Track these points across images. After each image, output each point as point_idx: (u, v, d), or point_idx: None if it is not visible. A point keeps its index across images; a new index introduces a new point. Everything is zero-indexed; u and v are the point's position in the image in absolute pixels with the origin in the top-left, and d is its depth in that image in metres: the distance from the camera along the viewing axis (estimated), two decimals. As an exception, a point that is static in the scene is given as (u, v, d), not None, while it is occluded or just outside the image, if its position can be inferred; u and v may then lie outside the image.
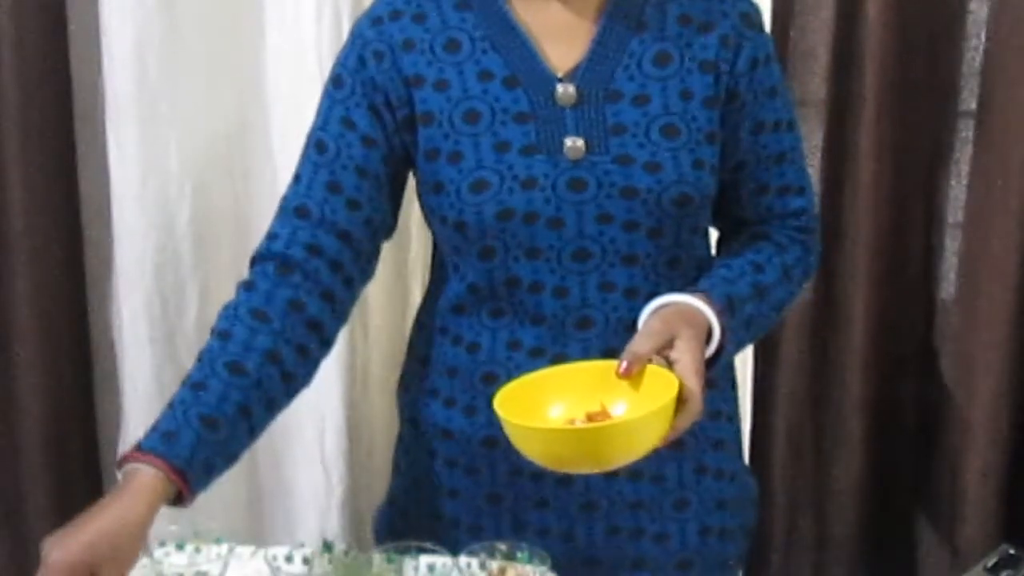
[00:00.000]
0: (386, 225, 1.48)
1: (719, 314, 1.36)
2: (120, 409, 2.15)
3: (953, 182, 2.14)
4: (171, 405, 1.31)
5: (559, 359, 1.41)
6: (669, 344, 1.30)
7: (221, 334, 1.37)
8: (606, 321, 1.42)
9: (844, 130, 2.06)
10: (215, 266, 2.12)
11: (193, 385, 1.32)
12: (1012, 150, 1.99)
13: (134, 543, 1.23)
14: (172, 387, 2.08)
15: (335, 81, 1.45)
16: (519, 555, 1.38)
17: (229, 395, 1.31)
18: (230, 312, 1.39)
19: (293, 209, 1.43)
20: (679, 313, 1.34)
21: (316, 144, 1.44)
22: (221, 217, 2.11)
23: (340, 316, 1.44)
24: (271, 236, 1.44)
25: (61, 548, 1.19)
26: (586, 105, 1.40)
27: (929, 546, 2.20)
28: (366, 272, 1.47)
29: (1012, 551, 1.54)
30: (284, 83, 2.05)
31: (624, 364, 1.28)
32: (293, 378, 1.38)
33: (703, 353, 1.32)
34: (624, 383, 1.29)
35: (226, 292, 2.15)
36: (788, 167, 1.49)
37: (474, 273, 1.44)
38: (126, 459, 1.27)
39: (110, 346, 2.16)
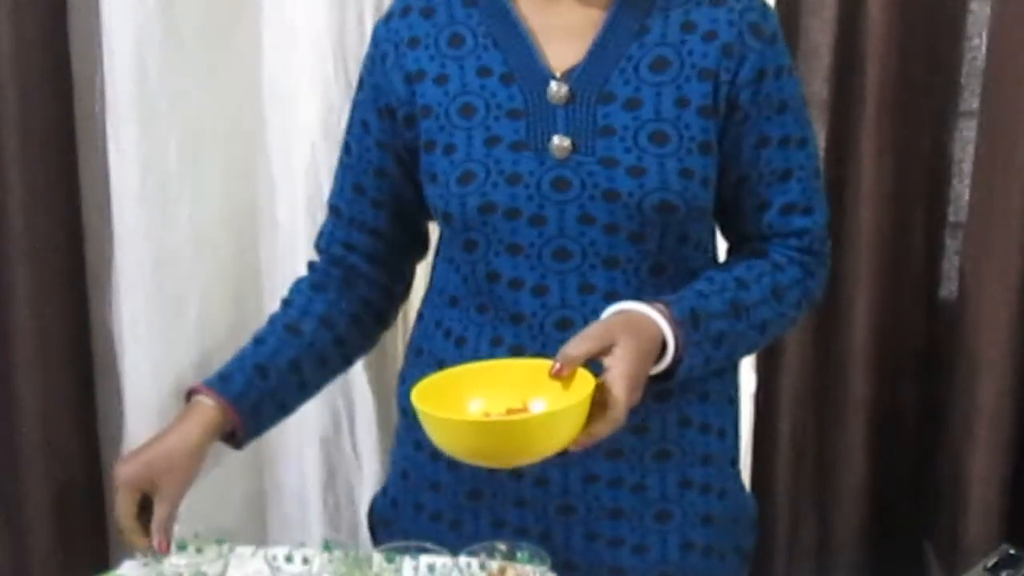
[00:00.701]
0: (424, 212, 1.52)
1: (676, 325, 1.33)
2: (120, 408, 2.16)
3: (955, 181, 2.14)
4: (235, 356, 1.51)
5: (539, 359, 1.39)
6: (607, 350, 1.28)
7: (284, 302, 1.56)
8: (586, 322, 1.38)
9: (846, 130, 2.06)
10: (215, 266, 2.12)
11: (255, 340, 1.52)
12: (1014, 149, 1.98)
13: (188, 460, 1.41)
14: (172, 386, 2.12)
15: (359, 81, 1.52)
16: (519, 555, 1.38)
17: (282, 351, 1.50)
18: (294, 285, 1.57)
19: (331, 208, 1.56)
20: (627, 321, 1.32)
21: (344, 145, 1.54)
22: (220, 217, 2.11)
23: (393, 296, 1.60)
24: (320, 232, 1.58)
25: (124, 465, 1.41)
26: (577, 105, 1.39)
27: (930, 546, 2.20)
28: (410, 254, 1.60)
29: (1012, 551, 1.54)
30: (284, 83, 2.05)
31: (557, 365, 1.27)
32: (346, 343, 1.55)
33: (641, 364, 1.30)
34: (555, 384, 1.28)
35: (226, 291, 2.18)
36: (794, 185, 1.45)
37: (461, 265, 1.45)
38: (190, 392, 1.47)
39: (110, 345, 2.16)
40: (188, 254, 2.08)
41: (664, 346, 1.33)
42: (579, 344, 1.29)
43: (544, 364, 1.29)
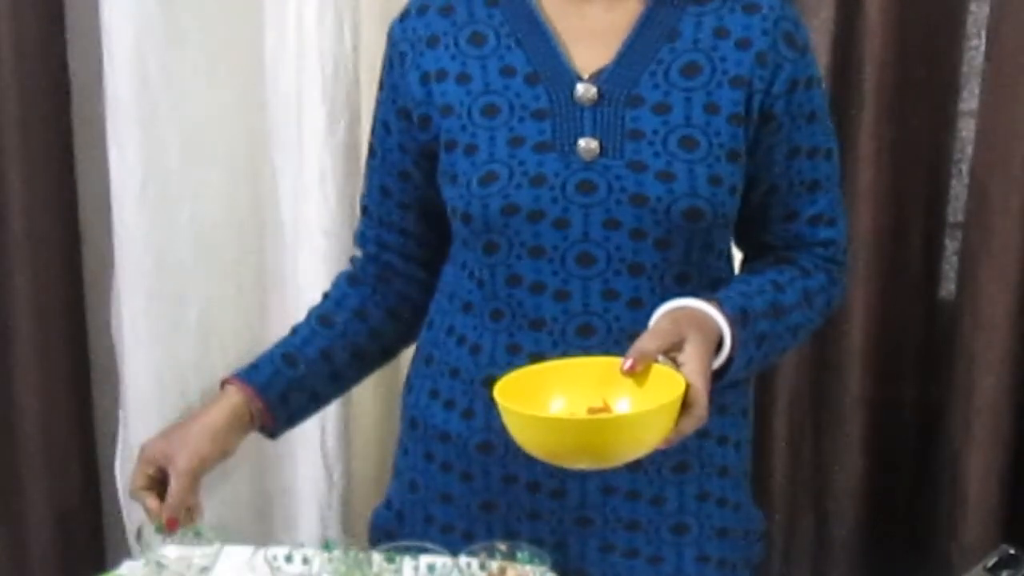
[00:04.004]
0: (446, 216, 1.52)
1: (731, 324, 1.32)
2: (120, 409, 2.15)
3: (954, 182, 2.14)
4: (270, 347, 1.56)
5: None
6: (677, 346, 1.26)
7: (324, 295, 1.60)
8: (608, 330, 1.39)
9: (845, 130, 2.06)
10: (215, 267, 2.12)
11: (290, 331, 1.57)
12: (1012, 150, 1.99)
13: (205, 441, 1.45)
14: (172, 387, 2.12)
15: (379, 82, 1.51)
16: (519, 555, 1.38)
17: (313, 340, 1.54)
18: (335, 280, 1.61)
19: (361, 208, 1.59)
20: (691, 317, 1.31)
21: (369, 146, 1.55)
22: (221, 217, 2.11)
23: (431, 290, 1.56)
24: (356, 230, 1.60)
25: (148, 440, 1.48)
26: (605, 107, 1.37)
27: (929, 546, 2.20)
28: (442, 251, 1.54)
29: (1012, 551, 1.53)
30: (284, 83, 2.05)
31: (629, 361, 1.24)
32: (382, 336, 1.58)
33: (711, 359, 1.29)
34: (628, 381, 1.26)
35: (226, 292, 2.18)
36: (821, 196, 1.46)
37: (479, 269, 1.43)
38: (222, 384, 1.52)
39: (110, 346, 2.16)
40: (188, 255, 2.08)
41: (719, 344, 1.32)
42: (651, 340, 1.27)
43: (616, 361, 1.26)
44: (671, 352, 1.26)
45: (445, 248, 1.53)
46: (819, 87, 1.45)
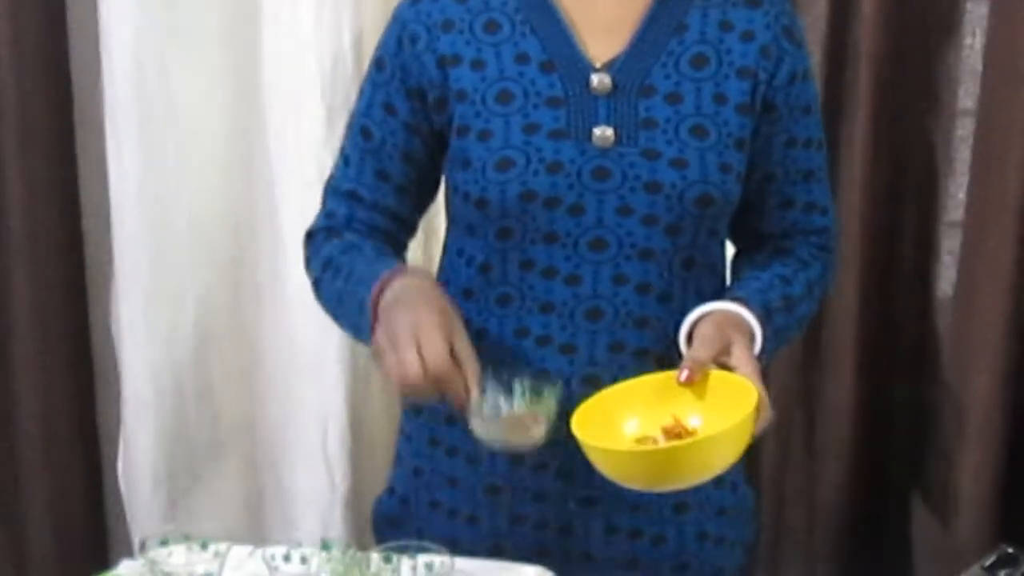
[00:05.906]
0: (431, 199, 1.56)
1: (760, 321, 1.37)
2: (119, 409, 2.16)
3: (950, 181, 2.14)
4: (360, 265, 1.43)
5: (566, 349, 1.43)
6: (725, 350, 1.32)
7: (343, 249, 1.48)
8: (616, 314, 1.43)
9: (839, 129, 2.06)
10: (213, 268, 2.12)
11: (356, 249, 1.46)
12: (1009, 149, 1.99)
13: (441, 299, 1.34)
14: (171, 386, 2.12)
15: (377, 63, 1.49)
16: (546, 391, 1.34)
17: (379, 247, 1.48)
18: (314, 241, 1.52)
19: (346, 192, 1.51)
20: (729, 319, 1.36)
21: (362, 130, 1.50)
22: (220, 218, 2.11)
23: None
24: (329, 214, 1.52)
25: (425, 314, 1.30)
26: (619, 96, 1.41)
27: (925, 545, 2.20)
28: (410, 236, 1.57)
29: (1010, 550, 1.54)
30: (283, 83, 2.05)
31: (685, 372, 1.29)
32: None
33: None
34: (689, 392, 1.30)
35: (224, 293, 2.18)
36: (815, 185, 1.51)
37: (487, 254, 1.45)
38: (380, 291, 1.36)
39: (109, 346, 2.17)
40: (187, 256, 2.08)
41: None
42: (702, 348, 1.32)
43: (671, 375, 1.30)
44: (719, 356, 1.31)
45: (411, 234, 1.57)
46: (812, 80, 1.50)
